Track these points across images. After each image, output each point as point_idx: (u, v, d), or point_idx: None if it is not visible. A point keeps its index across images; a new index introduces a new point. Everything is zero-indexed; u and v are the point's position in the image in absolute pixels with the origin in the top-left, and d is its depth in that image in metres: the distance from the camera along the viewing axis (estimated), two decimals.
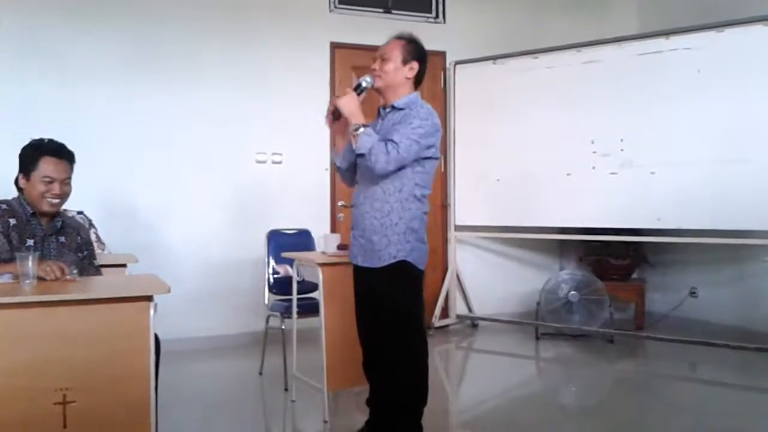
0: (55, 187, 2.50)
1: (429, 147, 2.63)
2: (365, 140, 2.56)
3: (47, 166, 2.49)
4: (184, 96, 4.75)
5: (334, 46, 5.17)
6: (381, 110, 2.79)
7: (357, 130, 2.58)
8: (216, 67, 4.85)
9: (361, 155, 2.59)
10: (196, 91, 4.78)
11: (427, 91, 5.56)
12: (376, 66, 2.72)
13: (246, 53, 4.94)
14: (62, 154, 2.53)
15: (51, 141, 2.55)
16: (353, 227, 2.78)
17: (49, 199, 2.50)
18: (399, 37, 2.74)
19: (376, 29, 5.30)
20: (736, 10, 4.53)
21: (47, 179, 2.49)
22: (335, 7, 5.24)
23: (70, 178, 2.56)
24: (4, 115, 4.28)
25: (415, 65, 2.71)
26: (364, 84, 2.70)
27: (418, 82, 2.76)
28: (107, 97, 4.56)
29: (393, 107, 2.71)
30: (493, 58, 5.31)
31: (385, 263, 2.65)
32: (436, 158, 2.70)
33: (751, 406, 3.67)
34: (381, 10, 5.39)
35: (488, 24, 5.68)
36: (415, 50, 2.73)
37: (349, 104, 2.63)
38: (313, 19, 5.15)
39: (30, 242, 2.49)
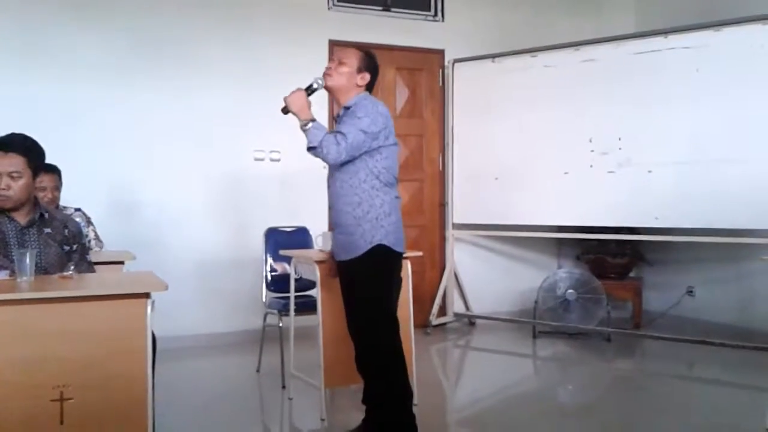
0: (1, 181, 2.43)
1: (378, 135, 2.72)
2: (315, 134, 2.68)
3: None
4: (182, 93, 4.75)
5: (333, 44, 5.15)
6: (337, 117, 2.89)
7: (306, 125, 2.70)
8: (215, 64, 4.84)
9: (312, 148, 2.70)
10: (194, 88, 4.78)
11: (425, 88, 5.59)
12: (331, 66, 2.85)
13: (244, 51, 4.93)
14: (7, 147, 2.47)
15: (3, 136, 2.49)
16: (334, 226, 2.90)
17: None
18: (359, 49, 2.91)
19: (374, 27, 5.33)
20: (734, 9, 4.53)
21: None
22: (334, 5, 5.24)
23: (19, 172, 2.46)
24: (2, 113, 4.26)
25: (367, 76, 2.86)
26: (315, 85, 2.83)
27: (368, 90, 2.89)
28: (106, 94, 4.55)
29: (344, 108, 2.83)
30: (492, 56, 5.31)
31: (363, 250, 2.74)
32: (394, 144, 2.82)
33: (747, 405, 3.67)
34: (380, 8, 5.39)
35: (487, 22, 5.68)
36: (370, 63, 2.88)
37: (296, 101, 2.75)
38: (312, 16, 5.15)
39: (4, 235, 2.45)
